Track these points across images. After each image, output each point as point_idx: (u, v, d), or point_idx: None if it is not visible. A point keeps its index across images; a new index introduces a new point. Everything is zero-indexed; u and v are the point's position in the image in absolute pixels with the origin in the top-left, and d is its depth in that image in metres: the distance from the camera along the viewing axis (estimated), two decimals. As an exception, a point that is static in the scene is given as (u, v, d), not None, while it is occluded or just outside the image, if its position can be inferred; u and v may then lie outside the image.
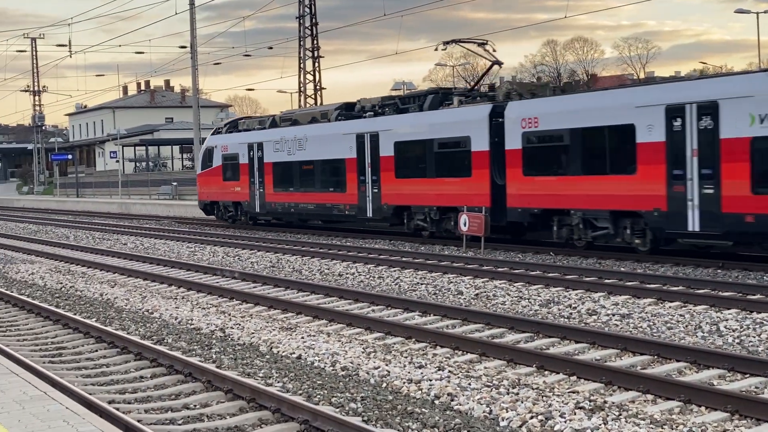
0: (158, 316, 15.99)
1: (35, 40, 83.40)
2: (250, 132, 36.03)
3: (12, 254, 29.14)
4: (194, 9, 50.59)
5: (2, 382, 9.16)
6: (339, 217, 31.46)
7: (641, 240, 21.01)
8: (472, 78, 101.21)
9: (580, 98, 24.07)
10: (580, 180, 22.12)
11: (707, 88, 19.57)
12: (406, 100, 29.29)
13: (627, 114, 20.85)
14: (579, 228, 22.37)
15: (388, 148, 27.97)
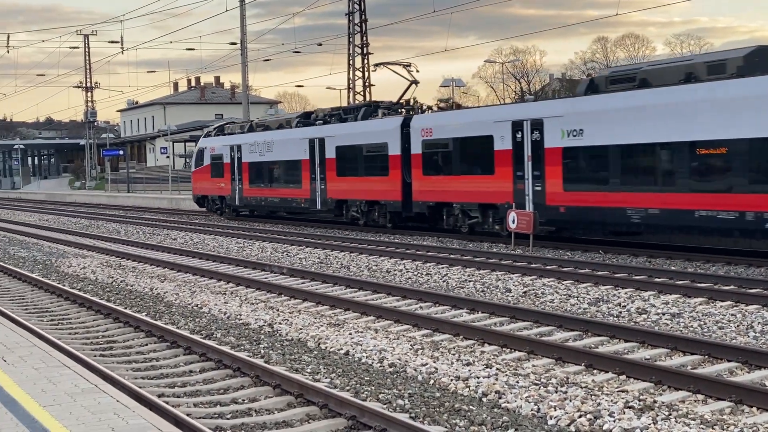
0: (207, 311, 16.11)
1: (88, 37, 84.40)
2: (233, 135, 41.76)
3: (64, 248, 29.54)
4: (244, 6, 50.87)
5: (54, 374, 9.29)
6: (297, 209, 37.34)
7: (500, 226, 25.79)
8: (521, 75, 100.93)
9: (460, 113, 29.73)
10: (459, 179, 27.63)
11: (537, 109, 25.48)
12: (347, 111, 35.20)
13: (488, 127, 26.33)
14: (459, 217, 27.83)
15: (332, 151, 33.40)
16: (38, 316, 16.41)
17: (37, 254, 27.54)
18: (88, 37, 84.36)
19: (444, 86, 72.82)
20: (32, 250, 28.85)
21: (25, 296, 19.10)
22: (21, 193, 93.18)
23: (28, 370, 9.52)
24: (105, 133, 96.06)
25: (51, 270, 23.59)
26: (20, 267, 24.21)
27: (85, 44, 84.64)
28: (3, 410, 7.95)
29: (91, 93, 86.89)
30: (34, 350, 10.60)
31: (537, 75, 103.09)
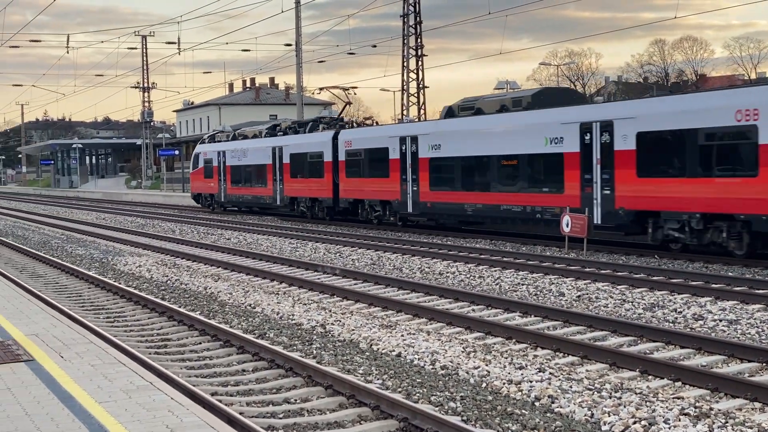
0: (260, 310, 16.20)
1: (145, 38, 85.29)
2: (220, 143, 49.41)
3: (120, 247, 29.90)
4: (300, 7, 51.12)
5: (110, 371, 9.39)
6: (264, 205, 44.51)
7: (395, 217, 33.86)
8: (577, 77, 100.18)
9: (368, 129, 37.46)
10: (367, 181, 34.82)
11: (415, 128, 33.09)
12: (301, 125, 42.58)
13: (385, 141, 33.70)
14: (368, 210, 35.19)
15: (287, 157, 40.87)
16: (95, 314, 16.63)
17: (94, 252, 27.91)
18: (146, 38, 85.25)
19: (498, 88, 72.55)
20: (89, 248, 29.24)
21: (83, 293, 19.37)
22: (78, 191, 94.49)
23: (85, 366, 9.64)
24: (161, 133, 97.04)
25: (107, 268, 23.89)
26: (78, 265, 24.55)
27: (142, 45, 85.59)
28: (60, 406, 8.05)
29: (148, 93, 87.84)
30: (90, 347, 10.73)
31: (593, 78, 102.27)
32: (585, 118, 24.51)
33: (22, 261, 26.23)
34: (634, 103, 24.50)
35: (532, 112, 27.00)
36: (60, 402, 8.19)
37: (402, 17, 53.15)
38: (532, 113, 26.92)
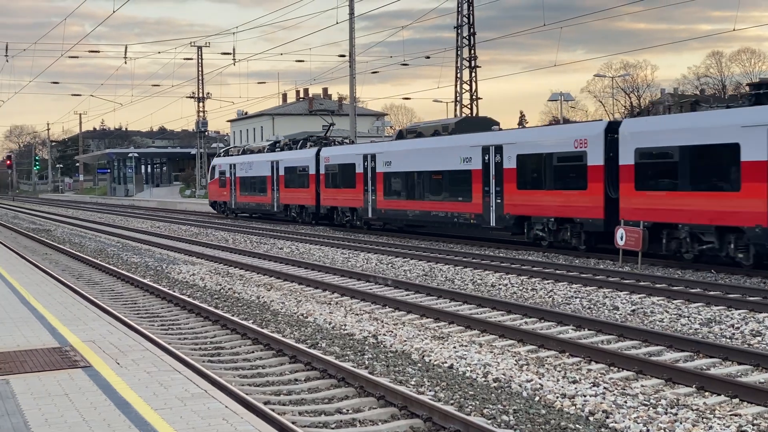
0: (313, 320, 16.25)
1: (201, 49, 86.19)
2: (232, 157, 55.67)
3: (175, 255, 30.20)
4: (353, 19, 51.37)
5: (165, 378, 9.48)
6: (265, 211, 50.62)
7: (360, 222, 39.76)
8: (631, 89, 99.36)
9: (342, 148, 43.20)
10: (341, 191, 40.91)
11: (371, 148, 39.71)
12: (295, 142, 49.88)
13: (353, 158, 39.74)
14: (341, 216, 41.52)
15: (282, 170, 47.09)
16: (150, 321, 16.81)
17: (149, 260, 28.22)
18: (202, 48, 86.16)
19: (552, 100, 72.21)
20: (144, 256, 29.58)
21: (138, 301, 19.59)
22: (134, 200, 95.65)
23: (141, 373, 9.75)
24: (215, 143, 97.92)
25: (162, 276, 24.14)
26: (133, 272, 24.85)
27: (198, 56, 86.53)
28: (116, 412, 8.15)
29: (202, 103, 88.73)
30: (146, 354, 10.84)
31: (648, 90, 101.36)
32: (485, 143, 30.61)
33: (79, 268, 26.60)
34: (516, 131, 33.05)
35: (453, 136, 33.35)
36: (116, 408, 8.28)
37: (456, 28, 53.14)
38: (453, 137, 33.23)
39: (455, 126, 34.31)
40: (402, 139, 37.70)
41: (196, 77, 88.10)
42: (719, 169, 21.74)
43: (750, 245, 21.00)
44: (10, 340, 11.94)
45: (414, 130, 37.46)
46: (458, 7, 52.84)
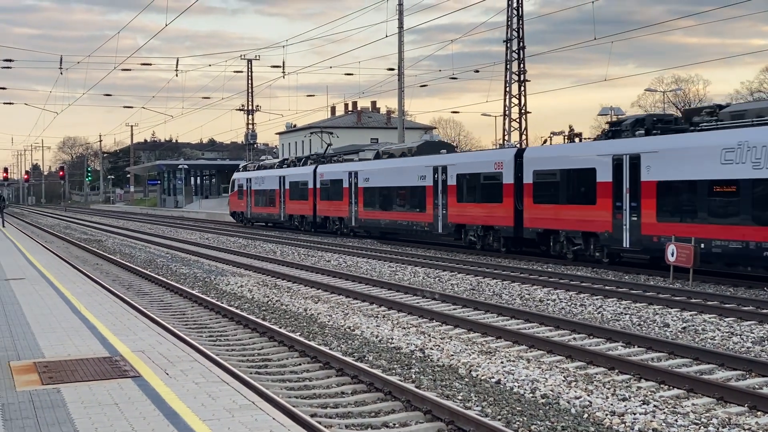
0: (359, 333, 16.25)
1: (251, 62, 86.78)
2: (248, 172, 62.05)
3: (223, 266, 30.40)
4: (402, 32, 51.47)
5: (213, 389, 9.53)
6: (275, 220, 56.89)
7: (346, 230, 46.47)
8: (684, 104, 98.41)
9: (330, 165, 49.51)
10: (331, 203, 47.45)
11: (355, 166, 45.57)
12: (299, 159, 56.20)
13: (341, 174, 46.45)
14: (332, 224, 48.00)
15: (287, 184, 53.75)
16: (198, 332, 16.92)
17: (198, 271, 28.43)
18: (251, 61, 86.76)
19: (602, 114, 71.75)
20: (193, 268, 29.80)
21: (186, 312, 19.74)
22: (183, 211, 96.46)
23: (189, 384, 9.80)
24: (264, 155, 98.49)
25: (210, 287, 24.30)
26: (182, 283, 25.05)
27: (248, 69, 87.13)
28: (165, 422, 8.20)
29: (252, 116, 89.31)
30: (194, 365, 10.91)
31: (700, 104, 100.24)
32: (434, 163, 37.17)
33: (129, 278, 26.88)
34: (457, 155, 39.70)
35: (415, 158, 39.92)
36: (165, 419, 8.34)
37: (505, 42, 53.02)
38: (415, 159, 39.82)
39: (417, 149, 40.83)
40: (378, 159, 44.48)
41: (245, 90, 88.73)
42: (584, 187, 28.04)
43: (603, 246, 27.44)
44: (62, 350, 12.08)
45: (386, 151, 44.54)
46: (508, 21, 52.74)
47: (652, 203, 25.13)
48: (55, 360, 11.29)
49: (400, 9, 50.58)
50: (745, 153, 22.09)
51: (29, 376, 10.32)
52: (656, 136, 25.86)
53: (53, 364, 11.02)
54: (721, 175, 22.76)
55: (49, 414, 8.60)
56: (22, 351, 12.01)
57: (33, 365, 10.96)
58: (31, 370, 10.68)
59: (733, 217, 22.50)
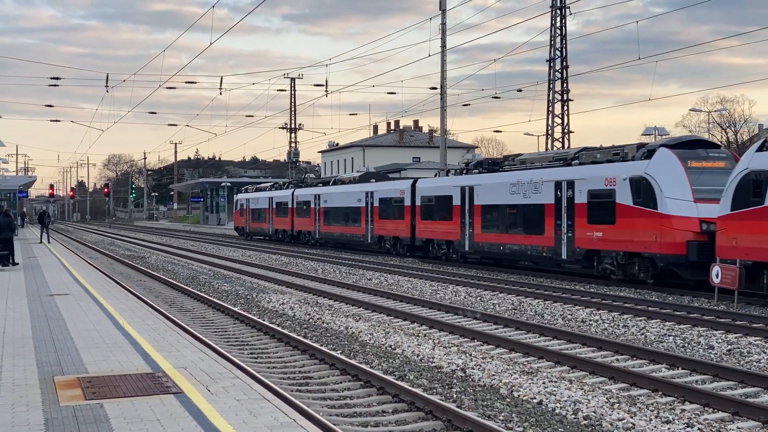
0: (401, 352, 16.22)
1: (294, 80, 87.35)
2: (247, 194, 73.26)
3: (265, 284, 30.51)
4: (445, 51, 51.53)
5: (255, 407, 9.55)
6: (265, 234, 68.13)
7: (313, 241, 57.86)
8: (728, 124, 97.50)
9: (304, 189, 59.42)
10: (303, 220, 58.39)
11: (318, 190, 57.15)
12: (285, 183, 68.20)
13: (310, 197, 57.35)
14: (303, 235, 58.81)
15: (275, 204, 65.49)
16: (239, 349, 16.98)
17: (240, 289, 28.56)
18: (294, 80, 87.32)
19: (646, 134, 71.29)
20: (235, 285, 29.95)
21: (228, 329, 19.82)
22: (225, 228, 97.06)
23: (231, 401, 9.84)
24: (306, 173, 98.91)
25: (252, 304, 24.40)
26: (224, 300, 25.17)
27: (291, 87, 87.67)
28: (206, 438, 8.22)
29: (294, 134, 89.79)
30: (236, 382, 10.95)
31: (745, 125, 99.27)
32: (366, 189, 48.88)
33: (171, 295, 27.06)
34: (379, 183, 49.81)
35: (356, 185, 52.29)
36: (206, 435, 8.36)
37: (548, 62, 52.91)
38: (355, 185, 52.14)
39: (359, 178, 54.67)
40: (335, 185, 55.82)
41: (288, 108, 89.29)
42: (447, 209, 39.15)
43: (456, 250, 38.74)
44: (105, 365, 12.19)
45: (340, 179, 57.50)
46: (551, 41, 52.64)
47: (479, 219, 36.37)
48: (98, 375, 11.39)
49: (443, 28, 50.64)
50: (519, 187, 33.39)
51: (73, 391, 10.42)
52: (481, 174, 37.71)
53: (96, 379, 11.12)
54: (510, 201, 34.06)
55: (92, 429, 8.67)
56: (66, 366, 12.14)
57: (77, 380, 11.06)
58: (74, 385, 10.78)
59: (516, 228, 33.80)
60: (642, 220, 26.82)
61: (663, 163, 26.72)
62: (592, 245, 29.10)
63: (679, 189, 25.97)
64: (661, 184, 26.23)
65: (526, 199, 32.79)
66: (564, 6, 52.56)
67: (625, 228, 27.56)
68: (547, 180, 31.38)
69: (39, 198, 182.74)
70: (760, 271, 22.47)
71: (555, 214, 30.86)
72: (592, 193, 29.01)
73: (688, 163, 26.50)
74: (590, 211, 29.08)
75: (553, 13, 52.67)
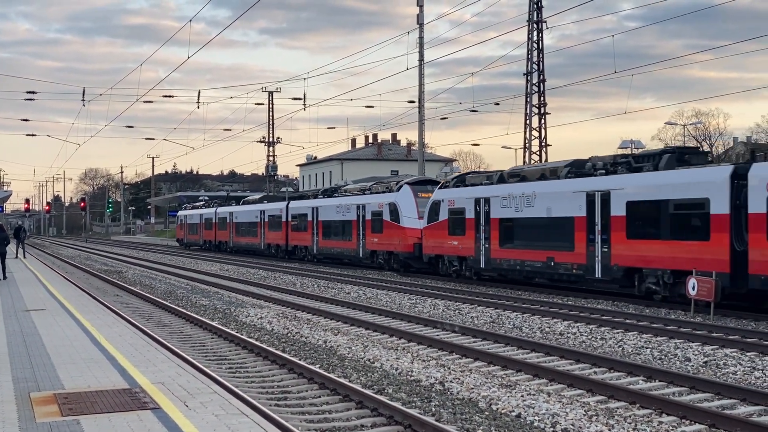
0: (379, 365, 16.21)
1: (272, 94, 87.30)
2: (186, 211, 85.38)
3: (243, 298, 30.44)
4: (423, 65, 51.67)
5: (233, 422, 9.52)
6: (199, 245, 79.80)
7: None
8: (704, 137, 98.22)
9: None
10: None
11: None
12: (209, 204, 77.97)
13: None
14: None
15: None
16: (217, 364, 16.91)
17: (217, 303, 28.47)
18: (272, 94, 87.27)
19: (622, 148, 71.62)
20: (213, 299, 29.86)
21: (206, 343, 19.75)
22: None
23: (209, 416, 9.80)
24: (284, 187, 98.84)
25: (230, 319, 24.32)
26: (201, 315, 25.08)
27: (269, 101, 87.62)
28: (184, 454, 8.18)
29: (272, 148, 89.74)
30: (214, 397, 10.90)
31: (720, 138, 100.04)
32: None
33: (149, 310, 26.94)
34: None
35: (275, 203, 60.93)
36: (184, 450, 8.32)
37: (525, 75, 53.18)
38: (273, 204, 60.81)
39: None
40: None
41: (266, 122, 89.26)
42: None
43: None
44: (81, 381, 12.11)
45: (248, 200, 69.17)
46: (528, 55, 52.92)
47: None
48: (75, 391, 11.31)
49: (421, 42, 50.80)
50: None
51: (49, 407, 10.34)
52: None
53: (73, 395, 11.05)
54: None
55: (68, 445, 8.60)
56: (42, 382, 12.05)
57: (53, 396, 10.98)
58: (51, 401, 10.71)
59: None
60: (393, 230, 42.14)
61: (404, 194, 42.22)
62: (374, 246, 44.81)
63: (411, 211, 41.07)
64: (401, 207, 41.59)
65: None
66: (541, 20, 52.90)
67: (385, 237, 43.13)
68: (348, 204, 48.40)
69: (14, 213, 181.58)
70: (437, 260, 38.33)
71: (357, 227, 46.51)
72: (374, 212, 44.46)
73: (418, 194, 41.38)
74: (373, 225, 44.62)
75: (530, 27, 53.01)
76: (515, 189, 32.40)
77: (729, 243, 23.23)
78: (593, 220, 28.07)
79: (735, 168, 23.67)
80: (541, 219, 30.60)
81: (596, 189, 28.07)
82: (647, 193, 26.17)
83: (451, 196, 36.81)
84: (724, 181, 23.48)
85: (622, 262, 26.88)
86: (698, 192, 24.30)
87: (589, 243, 28.14)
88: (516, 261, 32.14)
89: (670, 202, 25.23)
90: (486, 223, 33.93)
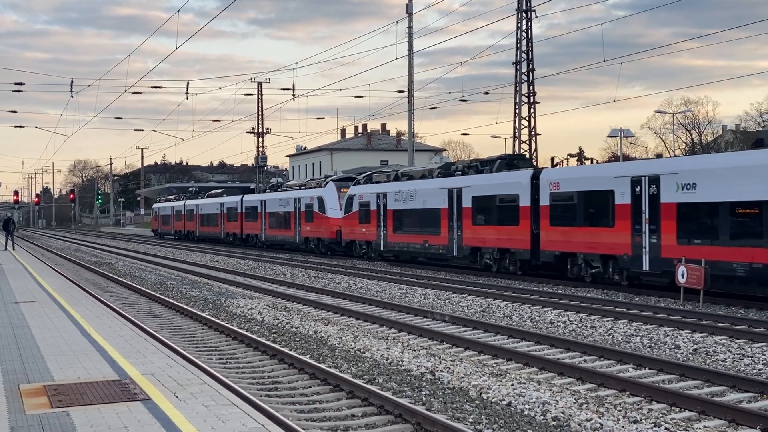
0: (370, 355, 16.22)
1: (261, 85, 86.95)
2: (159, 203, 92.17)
3: (233, 289, 30.40)
4: (412, 55, 51.59)
5: (223, 412, 9.51)
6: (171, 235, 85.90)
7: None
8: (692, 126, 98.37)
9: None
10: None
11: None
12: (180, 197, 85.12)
13: (169, 210, 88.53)
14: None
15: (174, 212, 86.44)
16: (208, 355, 16.90)
17: (208, 294, 28.44)
18: (261, 84, 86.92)
19: (612, 136, 71.79)
20: (203, 290, 29.82)
21: (196, 334, 19.73)
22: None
23: (199, 407, 9.79)
24: (274, 178, 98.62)
25: (220, 310, 24.30)
26: (192, 306, 25.05)
27: (258, 91, 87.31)
28: (174, 445, 8.17)
29: (262, 138, 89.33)
30: (204, 387, 10.89)
31: (709, 126, 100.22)
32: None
33: (139, 301, 26.90)
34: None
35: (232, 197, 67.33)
36: (174, 441, 8.31)
37: (515, 64, 53.12)
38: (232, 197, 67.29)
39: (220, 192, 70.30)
40: (206, 197, 69.28)
41: (255, 112, 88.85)
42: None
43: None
44: (71, 372, 12.08)
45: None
46: (517, 44, 52.88)
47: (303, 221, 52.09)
48: (64, 383, 11.29)
49: (410, 32, 50.71)
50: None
51: (39, 399, 10.32)
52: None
53: (63, 387, 11.02)
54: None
55: (58, 437, 8.59)
56: (32, 374, 12.02)
57: (42, 388, 10.96)
58: (40, 393, 10.68)
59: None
60: (321, 220, 49.72)
61: (329, 189, 49.47)
62: (307, 234, 52.45)
63: (335, 203, 48.24)
64: (326, 201, 49.13)
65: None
66: (530, 9, 52.80)
67: (315, 226, 50.81)
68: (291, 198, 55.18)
69: (3, 204, 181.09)
70: (352, 244, 46.09)
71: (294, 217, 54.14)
72: (307, 205, 51.64)
73: (341, 190, 48.10)
74: (306, 216, 51.92)
75: (519, 16, 52.91)
76: (404, 186, 40.46)
77: (530, 227, 31.31)
78: (452, 211, 35.90)
79: (534, 172, 31.80)
80: (420, 210, 38.69)
81: (454, 186, 35.96)
82: (484, 190, 34.08)
83: (361, 191, 45.01)
84: (528, 181, 31.43)
85: (469, 243, 34.97)
86: (513, 189, 32.27)
87: (450, 229, 36.12)
88: (404, 243, 40.65)
89: (497, 197, 33.26)
90: (384, 214, 41.97)
